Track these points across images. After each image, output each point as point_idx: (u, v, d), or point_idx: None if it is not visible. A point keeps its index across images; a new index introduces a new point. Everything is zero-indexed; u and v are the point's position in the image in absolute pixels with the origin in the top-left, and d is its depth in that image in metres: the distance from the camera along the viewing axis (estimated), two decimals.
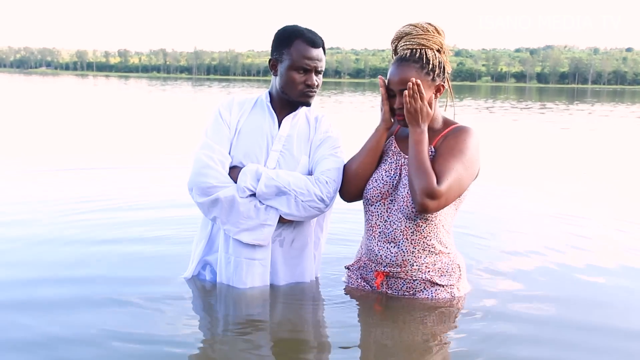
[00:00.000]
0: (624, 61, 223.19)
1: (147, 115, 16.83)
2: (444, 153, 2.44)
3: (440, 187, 2.34)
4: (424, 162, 2.38)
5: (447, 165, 2.39)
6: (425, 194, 2.34)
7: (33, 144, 8.91)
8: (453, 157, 2.41)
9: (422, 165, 2.38)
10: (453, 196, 2.41)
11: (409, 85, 2.41)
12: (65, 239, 3.74)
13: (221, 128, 2.66)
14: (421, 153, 2.41)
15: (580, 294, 3.00)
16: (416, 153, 2.41)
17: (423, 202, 2.35)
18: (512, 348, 2.32)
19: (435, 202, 2.35)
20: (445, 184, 2.35)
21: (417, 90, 2.42)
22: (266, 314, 2.57)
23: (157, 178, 6.30)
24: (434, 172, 2.37)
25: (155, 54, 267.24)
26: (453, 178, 2.37)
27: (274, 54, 2.66)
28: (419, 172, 2.37)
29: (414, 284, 2.56)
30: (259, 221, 2.57)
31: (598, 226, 4.59)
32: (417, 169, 2.38)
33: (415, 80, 2.41)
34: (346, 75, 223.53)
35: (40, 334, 2.35)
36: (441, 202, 2.37)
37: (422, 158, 2.39)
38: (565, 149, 10.76)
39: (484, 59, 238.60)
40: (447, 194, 2.36)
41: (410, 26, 2.50)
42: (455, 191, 2.40)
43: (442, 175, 2.36)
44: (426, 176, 2.35)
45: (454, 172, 2.38)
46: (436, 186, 2.33)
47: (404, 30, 2.51)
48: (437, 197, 2.34)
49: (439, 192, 2.34)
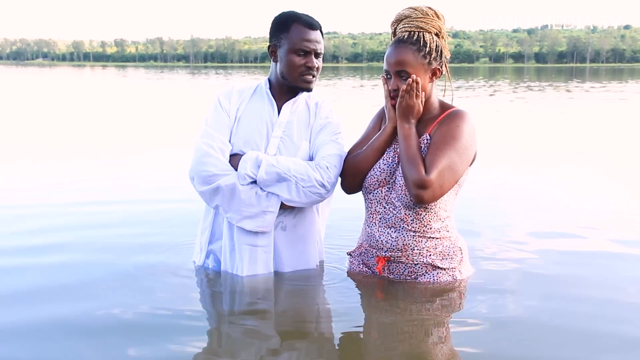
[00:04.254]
0: (622, 39, 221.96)
1: (152, 106, 16.72)
2: (436, 141, 2.44)
3: (429, 176, 2.34)
4: (413, 155, 2.40)
5: (437, 154, 2.39)
6: (416, 185, 2.35)
7: (35, 136, 8.89)
8: (444, 144, 2.41)
9: (412, 158, 2.39)
10: (447, 184, 2.40)
11: (409, 81, 2.42)
12: (66, 227, 3.77)
13: (221, 116, 2.66)
14: (410, 147, 2.42)
15: (586, 276, 2.99)
16: (406, 148, 2.43)
17: (417, 194, 2.36)
18: (514, 330, 2.33)
19: (429, 191, 2.35)
20: (434, 172, 2.35)
21: (415, 87, 2.42)
22: (270, 302, 2.57)
23: (160, 167, 6.31)
24: (425, 161, 2.38)
25: (152, 42, 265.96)
26: (443, 165, 2.37)
27: (272, 40, 2.65)
28: (409, 165, 2.39)
29: (416, 268, 2.57)
30: (260, 208, 2.57)
31: (605, 207, 4.53)
32: (407, 162, 2.40)
33: (416, 78, 2.42)
34: (344, 60, 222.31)
35: (38, 322, 2.35)
36: (435, 190, 2.36)
37: (411, 152, 2.41)
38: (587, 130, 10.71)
39: (481, 40, 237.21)
40: (439, 181, 2.36)
41: (410, 9, 2.51)
42: (448, 178, 2.39)
43: (431, 164, 2.36)
44: (415, 167, 2.36)
45: (444, 159, 2.37)
46: (424, 175, 2.34)
47: (404, 13, 2.51)
48: (427, 186, 2.34)
49: (428, 181, 2.34)
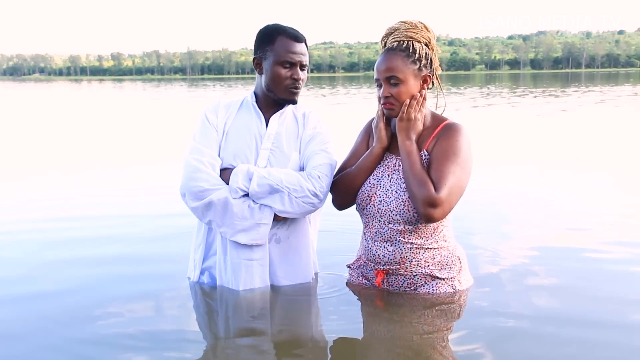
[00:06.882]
0: (617, 44, 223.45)
1: (152, 122, 16.75)
2: (438, 157, 2.42)
3: (439, 194, 2.31)
4: (419, 173, 2.37)
5: (443, 171, 2.36)
6: (427, 203, 2.32)
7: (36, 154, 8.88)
8: (448, 160, 2.39)
9: (418, 176, 2.36)
10: (455, 199, 2.39)
11: (414, 96, 2.44)
12: (56, 244, 3.74)
13: (209, 131, 2.64)
14: (415, 165, 2.39)
15: (588, 285, 2.94)
16: (410, 165, 2.40)
17: (426, 213, 2.33)
18: (515, 340, 2.30)
19: (439, 209, 2.32)
20: (444, 190, 2.32)
21: (418, 102, 2.44)
22: (267, 316, 2.54)
23: (154, 182, 6.29)
24: (431, 179, 2.35)
25: (149, 55, 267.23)
26: (451, 182, 2.35)
27: (257, 52, 2.63)
28: (417, 183, 2.36)
29: (415, 280, 2.54)
30: (254, 221, 2.54)
31: (606, 213, 4.50)
32: (415, 180, 2.37)
33: (419, 97, 2.44)
34: (340, 70, 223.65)
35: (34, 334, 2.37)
36: (445, 208, 2.34)
37: (416, 170, 2.38)
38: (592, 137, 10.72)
39: (477, 48, 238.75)
40: (449, 199, 2.34)
41: (399, 22, 2.52)
42: (456, 194, 2.37)
43: (439, 182, 2.34)
44: (424, 186, 2.33)
45: (451, 175, 2.36)
46: (435, 194, 2.31)
47: (393, 27, 2.53)
48: (438, 204, 2.31)
49: (439, 200, 2.31)
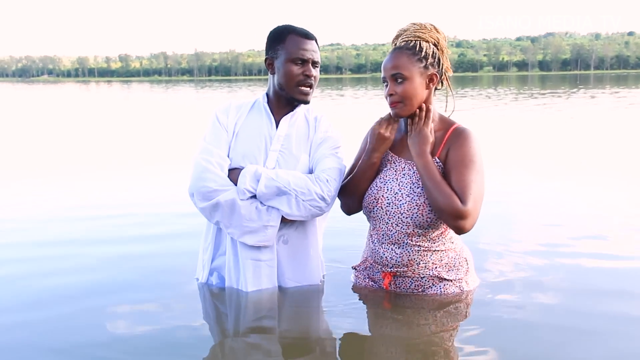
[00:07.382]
0: (626, 45, 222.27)
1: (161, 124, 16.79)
2: (457, 166, 2.40)
3: (467, 206, 2.30)
4: (440, 183, 2.36)
5: (464, 181, 2.35)
6: (456, 217, 2.31)
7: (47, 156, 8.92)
8: (466, 168, 2.38)
9: (440, 187, 2.35)
10: (480, 206, 2.38)
11: (422, 107, 2.46)
12: (66, 243, 3.77)
13: (219, 132, 2.65)
14: (435, 176, 2.38)
15: (594, 287, 2.93)
16: (430, 177, 2.38)
17: (457, 225, 2.33)
18: (522, 341, 2.29)
19: (469, 220, 2.32)
20: (470, 201, 2.32)
21: (427, 116, 2.46)
22: (275, 316, 2.55)
23: (163, 182, 6.31)
24: (453, 189, 2.34)
25: (156, 57, 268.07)
26: (475, 191, 2.34)
27: (269, 53, 2.65)
28: (441, 196, 2.34)
29: (422, 281, 2.55)
30: (261, 223, 2.54)
31: (613, 216, 4.47)
32: (437, 192, 2.35)
33: (426, 107, 2.46)
34: (347, 71, 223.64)
35: (44, 336, 2.38)
36: (474, 217, 2.34)
37: (437, 180, 2.36)
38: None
39: (485, 49, 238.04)
40: (475, 208, 2.33)
41: (410, 24, 2.54)
42: (480, 201, 2.37)
43: (464, 193, 2.33)
44: (450, 198, 2.32)
45: (473, 184, 2.35)
46: (462, 207, 2.30)
47: (403, 28, 2.54)
48: (467, 216, 2.31)
49: (467, 212, 2.30)
